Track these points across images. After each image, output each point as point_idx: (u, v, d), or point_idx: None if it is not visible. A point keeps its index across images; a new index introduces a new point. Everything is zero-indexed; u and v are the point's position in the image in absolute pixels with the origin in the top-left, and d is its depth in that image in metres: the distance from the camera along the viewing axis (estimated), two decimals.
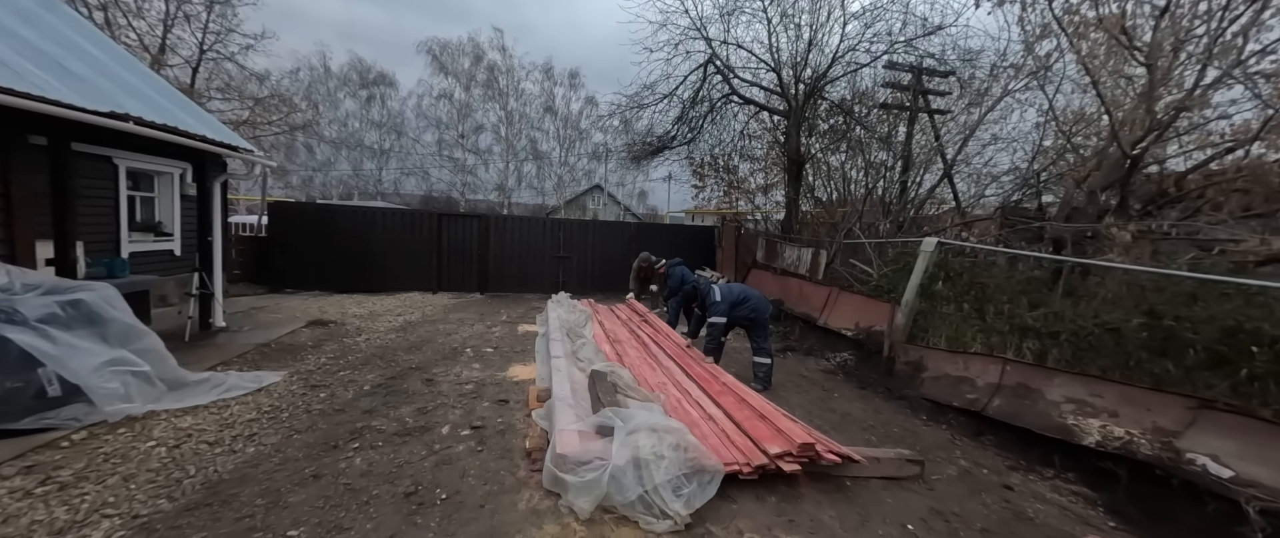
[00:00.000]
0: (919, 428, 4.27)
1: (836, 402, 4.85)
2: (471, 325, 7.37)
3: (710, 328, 4.78)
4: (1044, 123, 9.21)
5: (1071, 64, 9.09)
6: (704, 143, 11.55)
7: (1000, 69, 9.65)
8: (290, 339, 5.89)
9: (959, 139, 10.29)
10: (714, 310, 4.76)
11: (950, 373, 4.68)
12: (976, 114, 10.00)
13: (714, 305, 4.77)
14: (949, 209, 10.04)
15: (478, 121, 26.67)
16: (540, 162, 27.56)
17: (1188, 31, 6.31)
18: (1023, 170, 9.21)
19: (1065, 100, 9.65)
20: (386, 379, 4.61)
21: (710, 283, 4.98)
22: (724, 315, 4.78)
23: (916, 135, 10.40)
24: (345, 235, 10.05)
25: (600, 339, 5.85)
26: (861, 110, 10.32)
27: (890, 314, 5.52)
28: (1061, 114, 9.62)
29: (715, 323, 4.77)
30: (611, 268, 11.46)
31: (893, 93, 9.91)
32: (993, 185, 9.92)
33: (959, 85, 10.79)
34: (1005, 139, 10.19)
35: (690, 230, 12.45)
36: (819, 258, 7.49)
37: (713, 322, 4.77)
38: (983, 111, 9.71)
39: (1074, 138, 8.99)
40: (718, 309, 4.76)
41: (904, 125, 10.26)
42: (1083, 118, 8.79)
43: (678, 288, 7.03)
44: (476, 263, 10.78)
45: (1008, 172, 9.77)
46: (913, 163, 9.98)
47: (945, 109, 10.84)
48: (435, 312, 8.37)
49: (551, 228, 11.19)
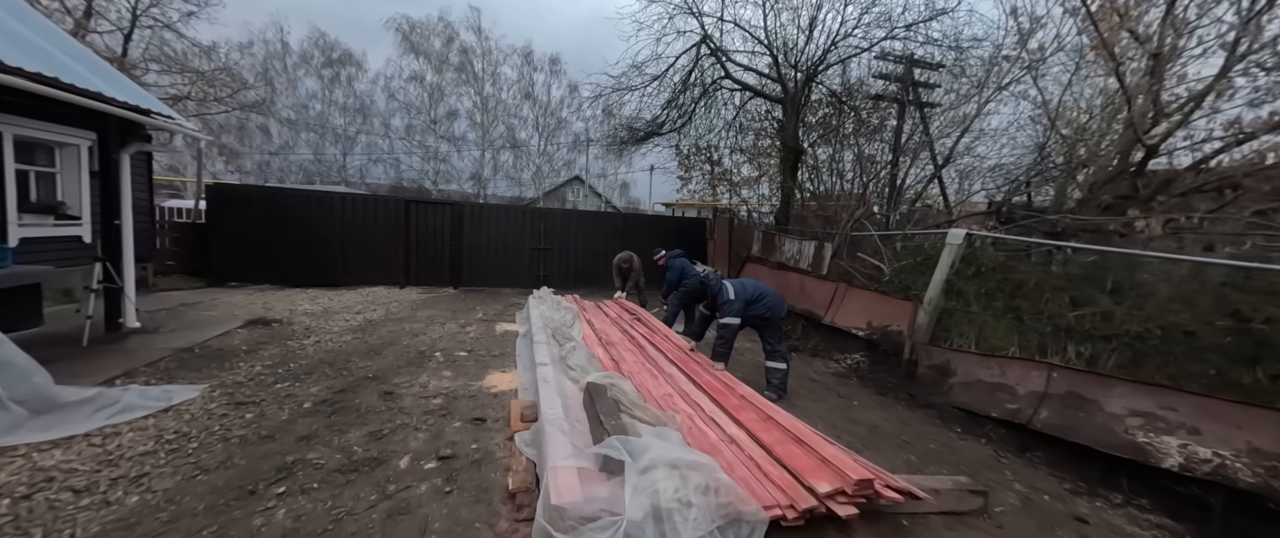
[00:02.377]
0: (956, 443, 3.79)
1: (857, 411, 4.34)
2: (443, 324, 6.57)
3: (722, 330, 4.18)
4: (1039, 116, 9.00)
5: (1067, 56, 9.00)
6: (695, 129, 10.93)
7: (996, 61, 9.37)
8: (221, 342, 4.99)
9: (952, 133, 10.04)
10: (727, 310, 4.16)
11: (984, 379, 4.22)
12: (972, 107, 9.73)
13: (727, 304, 4.17)
14: (936, 206, 9.76)
15: (451, 107, 25.32)
16: (518, 151, 26.44)
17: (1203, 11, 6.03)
18: (1009, 166, 8.99)
19: (1057, 94, 9.48)
20: (335, 393, 3.83)
21: (720, 278, 4.38)
22: (738, 316, 4.19)
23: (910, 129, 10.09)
24: (299, 222, 9.01)
25: (591, 341, 5.18)
26: (858, 101, 9.89)
27: (911, 313, 5.04)
28: (1052, 108, 9.50)
29: (728, 324, 4.17)
30: (596, 261, 10.77)
31: (885, 84, 9.53)
32: (982, 180, 9.70)
33: (950, 77, 10.53)
34: (992, 133, 9.96)
35: (678, 222, 11.87)
36: (822, 252, 7.01)
37: (726, 323, 4.17)
38: (981, 102, 9.41)
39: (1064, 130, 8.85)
40: (731, 308, 4.16)
41: (894, 119, 9.94)
42: (1083, 109, 8.62)
43: (677, 282, 6.42)
44: (449, 255, 9.90)
45: (993, 167, 9.55)
46: (911, 155, 9.65)
47: (934, 103, 10.58)
48: (401, 309, 7.50)
49: (531, 218, 10.39)
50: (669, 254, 6.64)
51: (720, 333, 4.20)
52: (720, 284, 4.29)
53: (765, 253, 8.54)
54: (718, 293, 4.26)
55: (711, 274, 4.40)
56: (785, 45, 9.73)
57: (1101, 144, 6.65)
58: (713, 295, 4.29)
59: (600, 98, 10.67)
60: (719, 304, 4.24)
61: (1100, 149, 6.72)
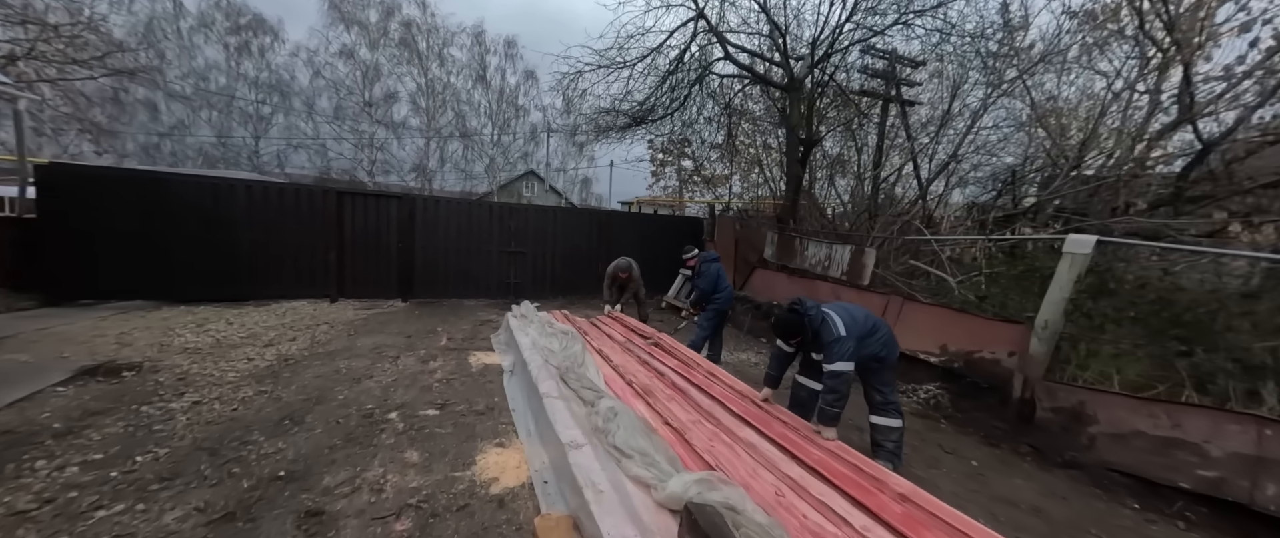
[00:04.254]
0: (1146, 529, 2.79)
1: (991, 478, 3.27)
2: (395, 359, 4.84)
3: (834, 381, 2.94)
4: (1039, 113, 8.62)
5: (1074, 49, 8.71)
6: (688, 116, 9.66)
7: (1000, 56, 8.88)
8: (16, 417, 3.05)
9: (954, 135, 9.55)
10: (839, 351, 2.92)
11: (1144, 431, 3.29)
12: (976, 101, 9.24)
13: (838, 343, 2.92)
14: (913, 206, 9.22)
15: (390, 89, 22.41)
16: (469, 140, 23.94)
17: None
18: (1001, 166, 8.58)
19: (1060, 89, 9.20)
20: (209, 525, 2.17)
21: (818, 306, 3.11)
22: (852, 360, 2.96)
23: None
24: (187, 217, 6.76)
25: (616, 386, 3.75)
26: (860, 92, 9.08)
27: (1019, 339, 4.08)
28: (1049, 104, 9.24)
29: (842, 373, 2.94)
30: (576, 266, 9.25)
31: (864, 80, 8.82)
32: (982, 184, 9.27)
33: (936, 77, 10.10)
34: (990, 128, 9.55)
35: (672, 221, 10.59)
36: (862, 258, 6.01)
37: (839, 371, 2.93)
38: (988, 98, 8.89)
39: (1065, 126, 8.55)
40: (843, 349, 2.92)
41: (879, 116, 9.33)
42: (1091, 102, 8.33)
43: (711, 292, 5.15)
44: (397, 258, 7.98)
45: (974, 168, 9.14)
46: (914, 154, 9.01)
47: (916, 100, 10.10)
48: (334, 334, 5.63)
49: (499, 215, 8.66)
50: (702, 256, 5.34)
51: (831, 385, 2.95)
52: (822, 317, 3.03)
53: (782, 258, 7.47)
54: (820, 328, 3.01)
55: (811, 303, 3.11)
56: (789, 25, 8.73)
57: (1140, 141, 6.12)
58: (812, 331, 3.02)
59: (580, 75, 9.12)
60: (824, 343, 2.99)
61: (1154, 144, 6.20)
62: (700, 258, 5.31)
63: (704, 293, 5.10)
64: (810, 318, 3.03)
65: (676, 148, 16.55)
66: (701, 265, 5.21)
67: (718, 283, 5.10)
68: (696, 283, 5.19)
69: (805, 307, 3.08)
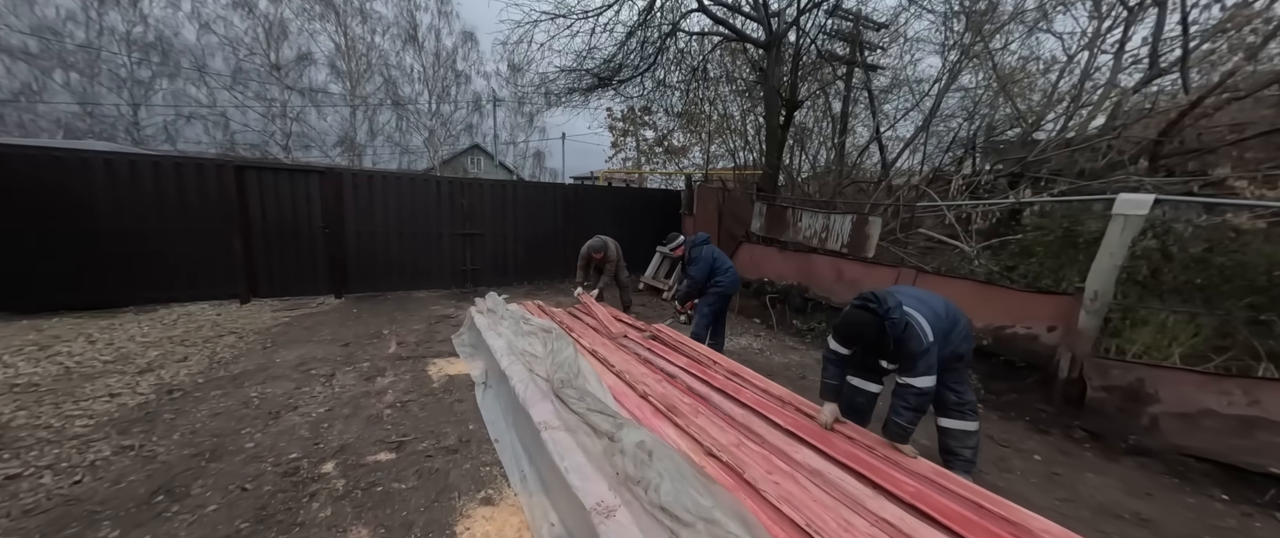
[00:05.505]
0: (1266, 534, 2.47)
1: (1067, 478, 2.86)
2: (329, 377, 3.77)
3: (919, 399, 2.31)
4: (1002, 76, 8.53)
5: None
6: (662, 75, 8.70)
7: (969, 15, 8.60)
8: None
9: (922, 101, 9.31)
10: (925, 364, 2.28)
11: (1215, 410, 2.99)
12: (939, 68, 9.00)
13: (926, 356, 2.27)
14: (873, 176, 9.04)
15: (302, 48, 19.42)
16: (402, 110, 21.45)
17: None
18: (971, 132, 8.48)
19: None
20: None
21: (902, 307, 2.40)
22: (937, 370, 2.34)
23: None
24: (19, 201, 5.08)
25: (628, 401, 2.98)
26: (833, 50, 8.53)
27: (1065, 312, 3.70)
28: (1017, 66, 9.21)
29: (928, 390, 2.32)
30: (541, 248, 8.26)
31: (834, 42, 8.35)
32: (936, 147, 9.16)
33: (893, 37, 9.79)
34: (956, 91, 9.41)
35: (644, 196, 9.71)
36: (865, 228, 5.52)
37: (925, 389, 2.31)
38: (957, 63, 8.64)
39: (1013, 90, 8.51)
40: (930, 361, 2.29)
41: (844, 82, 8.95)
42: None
43: (707, 279, 4.45)
44: (325, 245, 6.62)
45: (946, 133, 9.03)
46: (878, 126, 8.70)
47: (878, 65, 9.81)
48: (244, 348, 4.41)
49: (449, 192, 7.42)
50: (691, 241, 4.59)
51: (914, 403, 2.32)
52: (904, 318, 2.33)
53: (772, 231, 6.89)
54: (905, 336, 2.31)
55: (893, 298, 2.36)
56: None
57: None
58: (894, 340, 2.31)
59: (536, 25, 7.86)
60: (909, 353, 2.31)
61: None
62: (688, 244, 4.56)
63: (699, 283, 4.39)
64: (893, 323, 2.31)
65: (638, 117, 15.55)
66: (691, 252, 4.47)
67: (716, 266, 4.40)
68: (689, 272, 4.45)
69: (885, 306, 2.34)
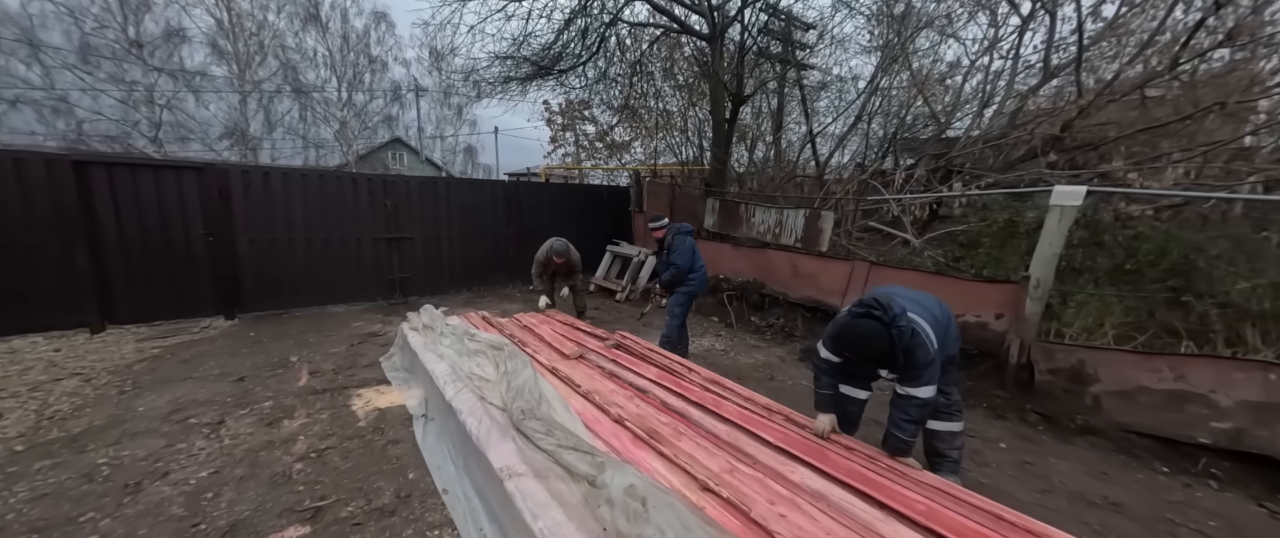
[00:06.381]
0: (1204, 503, 2.64)
1: (1038, 467, 2.93)
2: (215, 425, 3.00)
3: (920, 410, 2.17)
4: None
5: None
6: (604, 66, 8.28)
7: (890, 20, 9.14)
8: None
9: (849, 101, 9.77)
10: (930, 374, 2.14)
11: (1148, 386, 3.23)
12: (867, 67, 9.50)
13: (932, 366, 2.14)
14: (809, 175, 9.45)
15: (171, 23, 16.52)
16: (305, 99, 19.04)
17: None
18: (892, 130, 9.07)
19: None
20: None
21: (907, 314, 2.20)
22: (938, 376, 2.22)
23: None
24: None
25: (605, 429, 2.61)
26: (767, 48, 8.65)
27: (1011, 300, 3.86)
28: (932, 69, 9.94)
29: (930, 400, 2.19)
30: (480, 252, 7.57)
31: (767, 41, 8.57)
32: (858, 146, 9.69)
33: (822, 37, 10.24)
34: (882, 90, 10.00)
35: (590, 192, 9.23)
36: (818, 222, 5.55)
37: (927, 400, 2.17)
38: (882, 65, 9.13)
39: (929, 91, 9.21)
40: (934, 371, 2.16)
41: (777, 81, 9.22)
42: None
43: (689, 269, 4.21)
44: (210, 256, 5.49)
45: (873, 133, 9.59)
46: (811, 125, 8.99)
47: (809, 64, 10.24)
48: (92, 394, 3.42)
49: (369, 190, 6.49)
50: (674, 227, 4.31)
51: (916, 415, 2.17)
52: (912, 325, 2.16)
53: (726, 226, 6.78)
54: (912, 345, 2.13)
55: (898, 302, 2.16)
56: None
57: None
58: (903, 347, 2.12)
59: (465, 3, 7.09)
60: (915, 363, 2.14)
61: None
62: (671, 229, 4.28)
63: (684, 270, 4.13)
64: (901, 331, 2.12)
65: (577, 110, 14.96)
66: (674, 238, 4.19)
67: (695, 259, 4.18)
68: (672, 259, 4.16)
69: (891, 314, 2.14)
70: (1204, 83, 5.41)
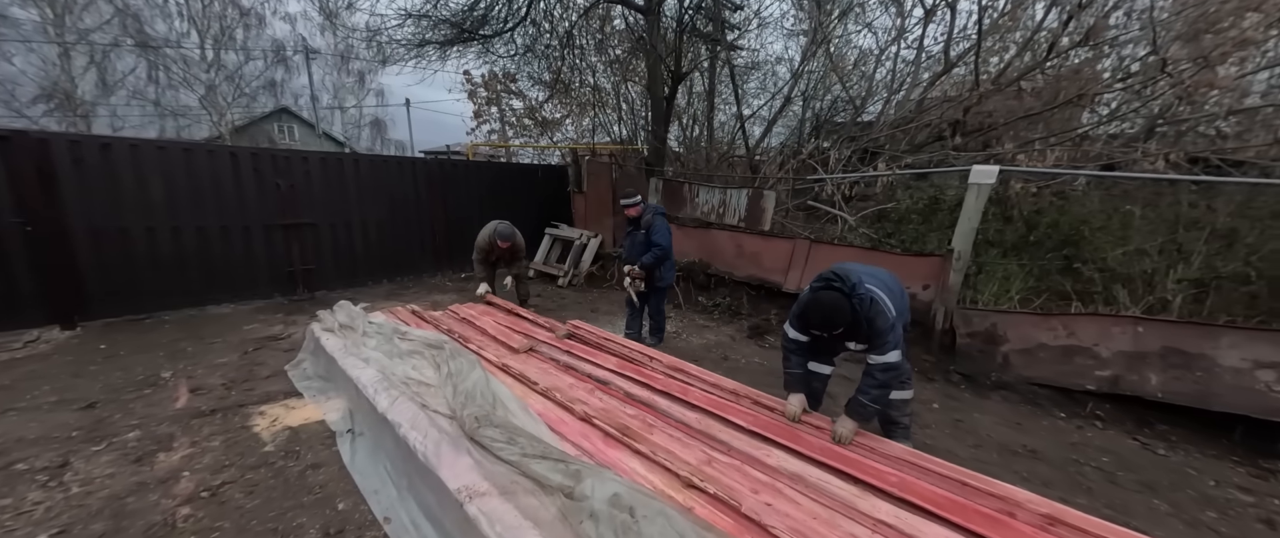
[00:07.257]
0: (1092, 440, 3.07)
1: (970, 425, 3.22)
2: (55, 471, 2.31)
3: (886, 374, 2.23)
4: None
5: None
6: (526, 36, 7.66)
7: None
8: None
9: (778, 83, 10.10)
10: (893, 339, 2.21)
11: (1047, 343, 3.68)
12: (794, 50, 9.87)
13: (893, 331, 2.21)
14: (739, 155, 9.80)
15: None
16: (154, 55, 15.67)
17: None
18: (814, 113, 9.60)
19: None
20: None
21: (865, 283, 2.24)
22: (902, 341, 2.30)
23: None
24: None
25: (572, 430, 2.39)
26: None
27: (937, 272, 4.19)
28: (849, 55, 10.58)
29: (896, 366, 2.26)
30: (400, 238, 6.80)
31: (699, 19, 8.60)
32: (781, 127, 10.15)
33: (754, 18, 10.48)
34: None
35: (525, 172, 8.59)
36: (761, 202, 5.64)
37: (894, 364, 2.22)
38: (806, 48, 9.51)
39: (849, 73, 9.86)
40: (897, 336, 2.24)
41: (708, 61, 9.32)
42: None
43: (668, 249, 4.05)
44: (27, 251, 4.28)
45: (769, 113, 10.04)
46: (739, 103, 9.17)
47: (738, 45, 10.47)
48: None
49: (254, 167, 5.44)
50: (649, 207, 4.09)
51: (882, 379, 2.24)
52: (871, 295, 2.23)
53: (670, 207, 6.67)
54: (872, 313, 2.19)
55: (865, 285, 2.19)
56: None
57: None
58: (865, 316, 2.18)
59: None
60: (877, 331, 2.21)
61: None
62: (649, 209, 4.05)
63: (667, 250, 3.96)
64: (861, 299, 2.20)
65: (503, 82, 13.91)
66: (654, 218, 3.97)
67: (668, 247, 4.02)
68: (655, 239, 3.94)
69: (850, 284, 2.21)
70: (1067, 77, 6.23)
